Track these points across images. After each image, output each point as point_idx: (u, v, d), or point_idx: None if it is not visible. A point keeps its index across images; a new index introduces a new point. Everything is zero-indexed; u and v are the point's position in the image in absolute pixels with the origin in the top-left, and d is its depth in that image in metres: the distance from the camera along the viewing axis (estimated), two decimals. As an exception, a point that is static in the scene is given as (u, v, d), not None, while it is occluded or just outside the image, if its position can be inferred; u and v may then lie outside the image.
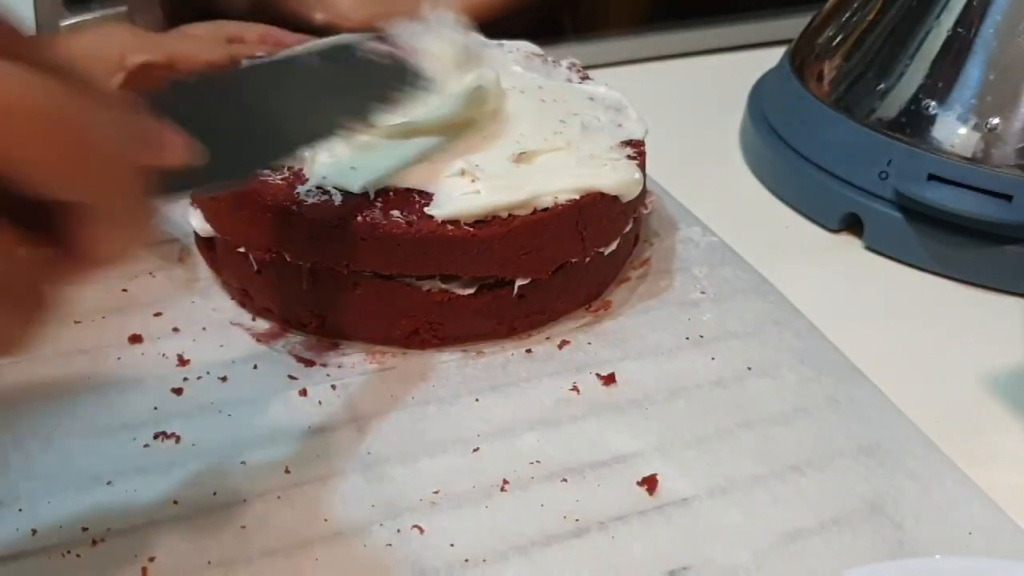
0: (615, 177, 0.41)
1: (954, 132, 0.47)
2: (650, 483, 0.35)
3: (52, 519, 0.32)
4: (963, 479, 0.36)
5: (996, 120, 0.46)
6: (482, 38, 0.49)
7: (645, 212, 0.47)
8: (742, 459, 0.36)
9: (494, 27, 0.53)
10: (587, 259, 0.42)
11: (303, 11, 0.63)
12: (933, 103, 0.48)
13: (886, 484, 0.36)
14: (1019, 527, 0.34)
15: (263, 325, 0.42)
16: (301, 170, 0.40)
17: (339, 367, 0.40)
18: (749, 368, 0.41)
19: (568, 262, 0.41)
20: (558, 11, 0.75)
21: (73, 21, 0.64)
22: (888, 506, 0.35)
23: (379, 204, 0.39)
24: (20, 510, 0.33)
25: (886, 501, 0.35)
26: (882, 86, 0.50)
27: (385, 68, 0.34)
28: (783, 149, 0.55)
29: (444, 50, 0.39)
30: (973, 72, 0.47)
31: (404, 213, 0.38)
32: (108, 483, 0.34)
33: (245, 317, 0.42)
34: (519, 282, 0.40)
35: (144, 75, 0.42)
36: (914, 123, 0.48)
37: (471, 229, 0.38)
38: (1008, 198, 0.46)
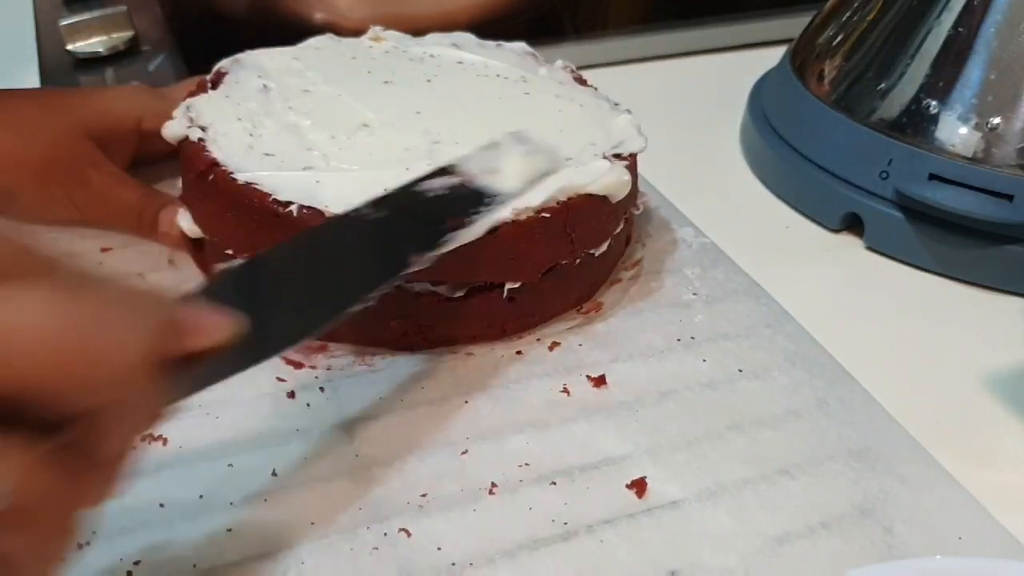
0: (603, 178, 0.40)
1: (955, 132, 0.47)
2: (639, 486, 0.35)
3: (37, 522, 0.32)
4: (952, 483, 0.36)
5: (997, 120, 0.46)
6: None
7: (636, 213, 0.47)
8: (732, 462, 0.36)
9: (493, 28, 0.53)
10: (577, 261, 0.42)
11: (302, 11, 0.63)
12: (934, 103, 0.48)
13: (876, 488, 0.35)
14: (1007, 531, 0.34)
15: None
16: None
17: (328, 369, 0.40)
18: (740, 370, 0.41)
19: (558, 264, 0.41)
20: (558, 11, 0.75)
21: (72, 21, 0.64)
22: (877, 510, 0.34)
23: None
24: (5, 513, 0.33)
25: (875, 505, 0.35)
26: (883, 86, 0.50)
27: (454, 197, 0.34)
28: (784, 149, 0.55)
29: (517, 167, 0.36)
30: (974, 71, 0.47)
31: None
32: (94, 486, 0.34)
33: (235, 319, 0.42)
34: (509, 285, 0.40)
35: (158, 139, 0.43)
36: (915, 123, 0.48)
37: None
38: (1009, 198, 0.46)
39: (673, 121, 0.46)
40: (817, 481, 0.36)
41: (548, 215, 0.39)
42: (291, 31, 0.51)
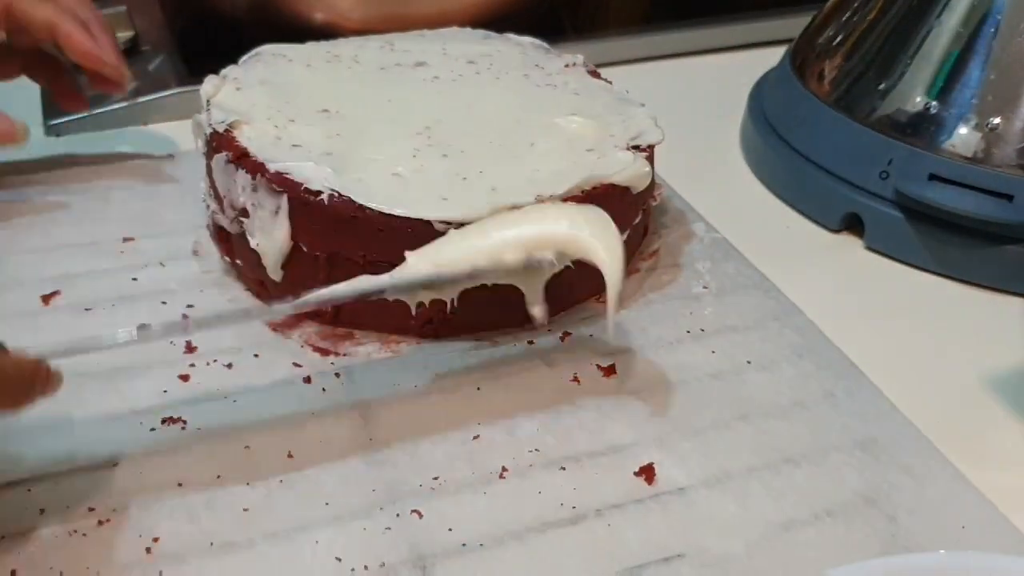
0: (625, 169, 0.41)
1: (955, 132, 0.47)
2: (647, 472, 0.35)
3: (59, 500, 0.33)
4: (956, 474, 0.36)
5: (997, 120, 0.46)
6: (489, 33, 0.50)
7: (654, 204, 0.47)
8: (738, 451, 0.37)
9: (493, 26, 0.54)
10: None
11: (303, 11, 0.64)
12: (934, 103, 0.48)
13: (880, 478, 0.36)
14: (1010, 521, 0.34)
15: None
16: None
17: (346, 355, 0.40)
18: (748, 362, 0.41)
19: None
20: (558, 10, 0.75)
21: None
22: (881, 500, 0.35)
23: None
24: (29, 491, 0.33)
25: (879, 495, 0.35)
26: (883, 86, 0.50)
27: None
28: (784, 149, 0.55)
29: None
30: (974, 72, 0.47)
31: None
32: (115, 465, 0.35)
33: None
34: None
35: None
36: (915, 123, 0.48)
37: None
38: (1009, 198, 0.46)
39: (673, 121, 0.47)
40: (822, 471, 0.36)
41: (574, 204, 0.39)
42: (291, 31, 0.51)
